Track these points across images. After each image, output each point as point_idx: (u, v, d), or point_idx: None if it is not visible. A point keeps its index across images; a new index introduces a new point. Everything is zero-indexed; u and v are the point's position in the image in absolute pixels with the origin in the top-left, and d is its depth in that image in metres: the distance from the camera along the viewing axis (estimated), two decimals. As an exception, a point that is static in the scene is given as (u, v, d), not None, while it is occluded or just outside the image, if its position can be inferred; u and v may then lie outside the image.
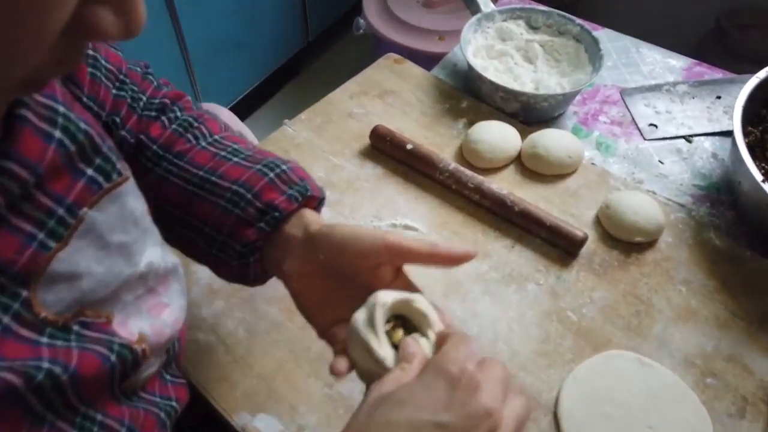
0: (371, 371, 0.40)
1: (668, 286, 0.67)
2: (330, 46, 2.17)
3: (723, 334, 0.63)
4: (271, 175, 0.48)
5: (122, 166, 0.39)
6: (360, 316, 0.41)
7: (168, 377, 0.45)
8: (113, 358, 0.35)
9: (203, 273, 0.67)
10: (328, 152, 0.80)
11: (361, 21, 1.74)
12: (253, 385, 0.59)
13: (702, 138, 0.84)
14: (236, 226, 0.47)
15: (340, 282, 0.45)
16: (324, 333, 0.47)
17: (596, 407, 0.57)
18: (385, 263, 0.44)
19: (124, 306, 0.38)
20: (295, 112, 0.84)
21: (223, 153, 0.50)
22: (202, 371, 0.59)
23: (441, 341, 0.40)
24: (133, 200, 0.40)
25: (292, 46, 1.98)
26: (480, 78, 0.82)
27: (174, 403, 0.44)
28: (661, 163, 0.81)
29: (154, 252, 0.41)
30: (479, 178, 0.73)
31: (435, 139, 0.81)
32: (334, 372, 0.41)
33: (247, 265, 0.48)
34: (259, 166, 0.49)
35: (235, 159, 0.50)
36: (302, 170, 0.51)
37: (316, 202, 0.51)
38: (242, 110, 1.82)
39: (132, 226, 0.39)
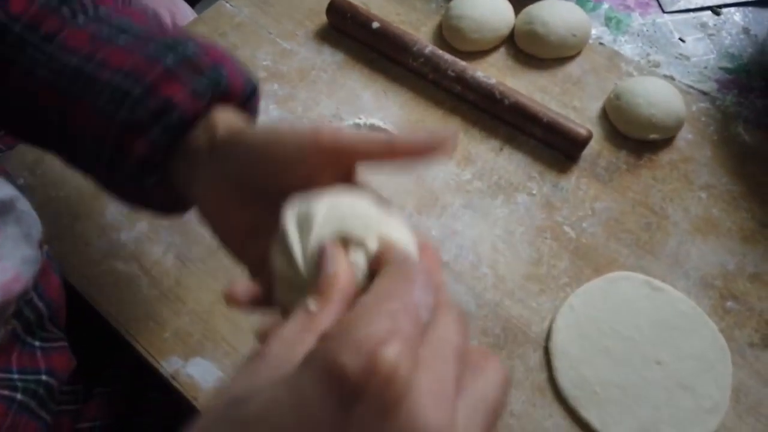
0: (287, 300, 0.27)
1: (686, 192, 0.55)
2: None
3: (748, 248, 0.53)
4: (169, 59, 0.34)
5: None
6: (290, 216, 0.27)
7: (37, 344, 0.35)
8: None
9: (122, 189, 0.55)
10: (275, 34, 0.65)
11: None
12: (186, 323, 0.49)
13: (732, 9, 0.69)
14: (123, 135, 0.34)
15: (267, 203, 0.32)
16: (259, 273, 0.33)
17: (595, 341, 0.48)
18: (322, 168, 0.30)
19: None
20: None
21: (105, 32, 0.36)
22: (123, 308, 0.49)
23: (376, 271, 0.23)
24: None
25: None
26: (465, -65, 0.65)
27: (44, 377, 0.33)
28: (682, 41, 0.67)
29: None
30: (462, 64, 0.59)
31: (408, 15, 0.66)
32: (225, 295, 0.28)
33: (147, 190, 0.36)
34: (151, 48, 0.35)
35: (121, 39, 0.36)
36: (219, 51, 0.37)
37: (239, 97, 0.36)
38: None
39: None
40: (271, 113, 0.60)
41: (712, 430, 0.45)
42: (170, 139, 0.34)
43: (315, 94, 0.61)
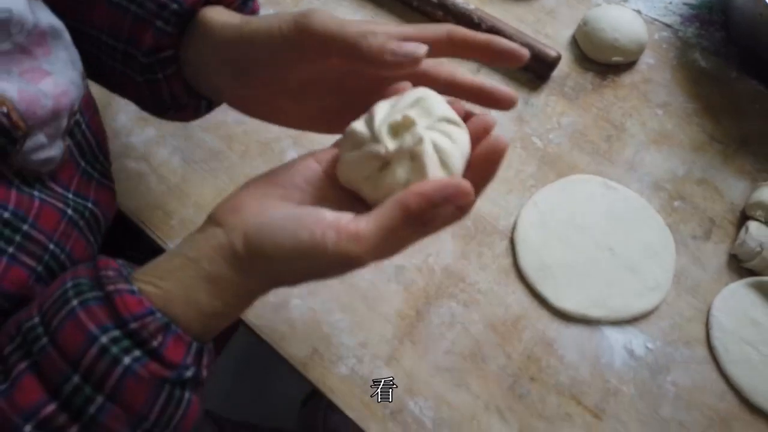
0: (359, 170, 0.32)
1: (644, 109, 0.61)
2: None
3: (698, 157, 0.58)
4: None
5: None
6: (360, 124, 0.32)
7: (96, 174, 0.40)
8: None
9: (131, 99, 0.60)
10: (272, -34, 0.69)
11: None
12: (191, 214, 0.55)
13: (700, -49, 0.74)
14: (135, 28, 0.37)
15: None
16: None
17: (555, 231, 0.54)
18: (312, 57, 0.33)
19: None
20: None
21: None
22: (133, 199, 0.55)
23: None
24: None
25: None
26: None
27: (90, 205, 0.38)
28: (651, -21, 0.72)
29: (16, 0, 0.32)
30: (443, -8, 0.64)
31: (396, -49, 0.71)
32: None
33: (156, 84, 0.39)
34: None
35: None
36: None
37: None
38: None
39: None
40: (267, 36, 0.65)
41: (654, 305, 0.51)
42: (174, 30, 0.37)
43: (308, 20, 0.66)
